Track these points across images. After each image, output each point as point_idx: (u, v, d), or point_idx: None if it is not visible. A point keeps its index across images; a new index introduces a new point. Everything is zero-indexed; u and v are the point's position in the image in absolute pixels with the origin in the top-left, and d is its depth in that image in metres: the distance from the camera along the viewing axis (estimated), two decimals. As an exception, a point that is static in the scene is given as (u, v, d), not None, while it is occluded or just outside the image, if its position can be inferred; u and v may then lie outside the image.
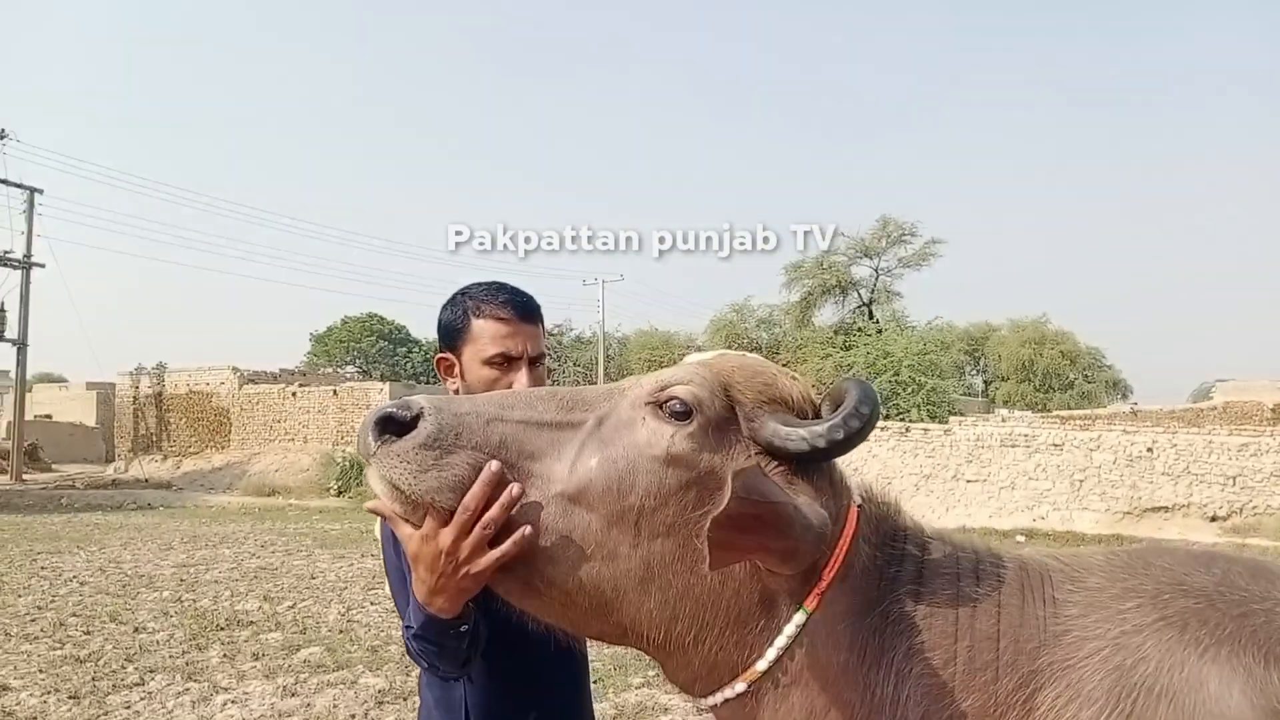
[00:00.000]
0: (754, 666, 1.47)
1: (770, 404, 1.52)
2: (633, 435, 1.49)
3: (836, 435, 1.42)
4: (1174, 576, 1.48)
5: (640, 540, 1.44)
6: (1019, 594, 1.50)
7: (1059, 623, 1.45)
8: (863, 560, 1.50)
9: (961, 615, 1.48)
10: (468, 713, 2.13)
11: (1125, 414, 31.55)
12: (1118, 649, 1.40)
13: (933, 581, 1.50)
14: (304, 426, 32.49)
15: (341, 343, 56.36)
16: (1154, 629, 1.40)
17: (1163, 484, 20.14)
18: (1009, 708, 1.41)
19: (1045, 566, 1.56)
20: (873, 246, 39.72)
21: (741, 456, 1.48)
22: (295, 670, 7.60)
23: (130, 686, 7.15)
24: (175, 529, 18.78)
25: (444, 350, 2.25)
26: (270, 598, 10.79)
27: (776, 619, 1.47)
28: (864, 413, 1.43)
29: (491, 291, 2.21)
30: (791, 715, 1.47)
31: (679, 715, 6.40)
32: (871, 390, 1.47)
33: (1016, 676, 1.42)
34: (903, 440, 22.75)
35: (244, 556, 14.47)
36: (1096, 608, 1.46)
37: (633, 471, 1.46)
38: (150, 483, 31.36)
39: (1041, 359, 46.10)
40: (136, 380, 36.95)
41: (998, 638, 1.45)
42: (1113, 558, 1.58)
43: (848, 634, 1.46)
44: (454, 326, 2.22)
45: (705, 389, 1.50)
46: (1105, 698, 1.36)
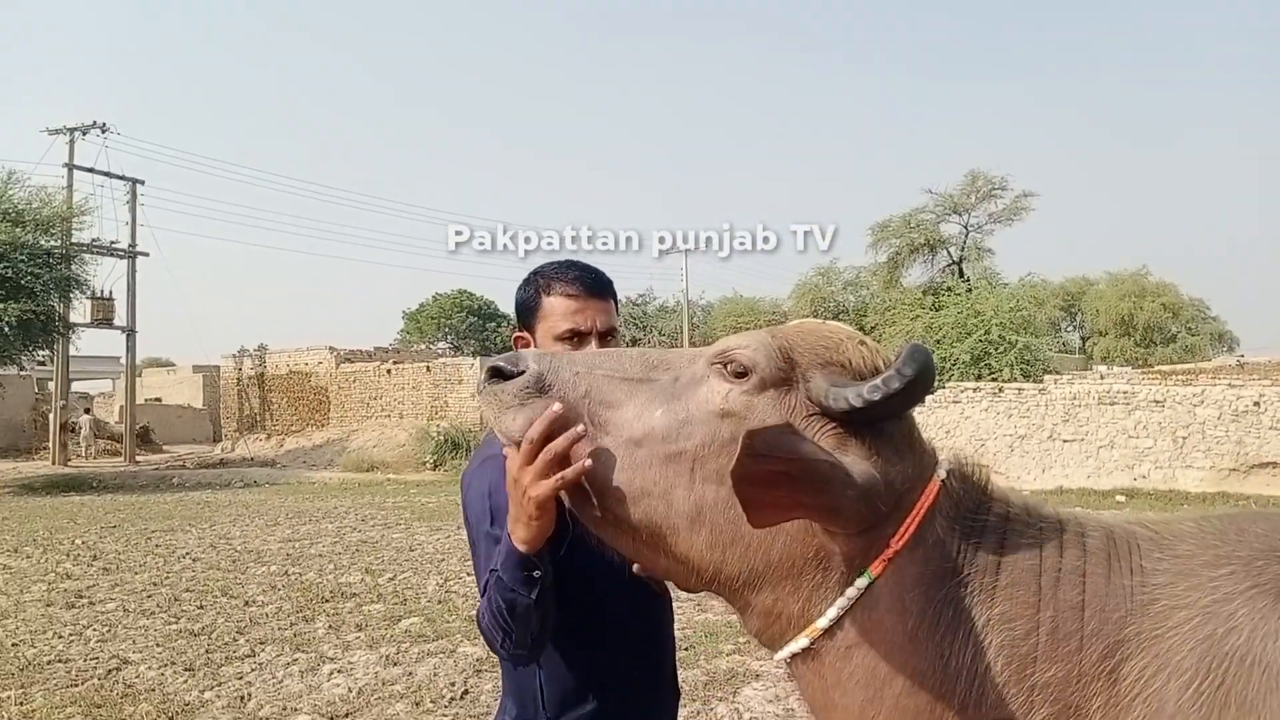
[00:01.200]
0: (815, 624, 1.51)
1: (827, 366, 1.57)
2: (696, 391, 1.61)
3: (875, 395, 1.44)
4: (1269, 543, 1.44)
5: (694, 484, 1.55)
6: (1105, 562, 1.48)
7: (1147, 591, 1.43)
8: (938, 531, 1.51)
9: (1045, 585, 1.47)
10: (543, 697, 2.19)
11: (1231, 367, 30.42)
12: (1209, 618, 1.37)
13: (1015, 552, 1.50)
14: (399, 403, 33.22)
15: (433, 319, 57.37)
16: (1247, 596, 1.37)
17: (1271, 439, 19.41)
18: (1094, 678, 1.40)
19: (1133, 534, 1.54)
20: (961, 202, 38.90)
21: (796, 416, 1.54)
22: (397, 640, 7.86)
23: (242, 658, 7.47)
24: (280, 505, 19.46)
25: (521, 329, 2.34)
26: (371, 570, 11.13)
27: (837, 579, 1.51)
28: (906, 374, 1.44)
29: (562, 269, 2.29)
30: (855, 677, 1.50)
31: (770, 681, 6.46)
32: (922, 353, 1.47)
33: (1102, 646, 1.41)
34: (996, 400, 22.32)
35: (345, 530, 14.94)
36: (1186, 575, 1.44)
37: (691, 421, 1.58)
38: (255, 461, 32.47)
39: (1142, 312, 44.71)
40: (239, 362, 38.16)
41: (1082, 607, 1.44)
42: (1204, 524, 1.54)
43: (918, 602, 1.47)
44: (528, 305, 2.30)
45: (763, 351, 1.58)
46: (1195, 668, 1.34)
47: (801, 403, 1.55)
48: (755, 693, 6.27)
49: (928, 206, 39.19)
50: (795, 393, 1.56)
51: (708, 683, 6.49)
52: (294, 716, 6.13)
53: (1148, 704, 1.36)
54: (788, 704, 5.96)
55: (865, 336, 1.65)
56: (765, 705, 6.03)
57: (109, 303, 35.26)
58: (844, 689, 1.51)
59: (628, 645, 2.23)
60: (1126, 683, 1.38)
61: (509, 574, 1.84)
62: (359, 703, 6.31)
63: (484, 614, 1.96)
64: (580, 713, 2.17)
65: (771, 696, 6.17)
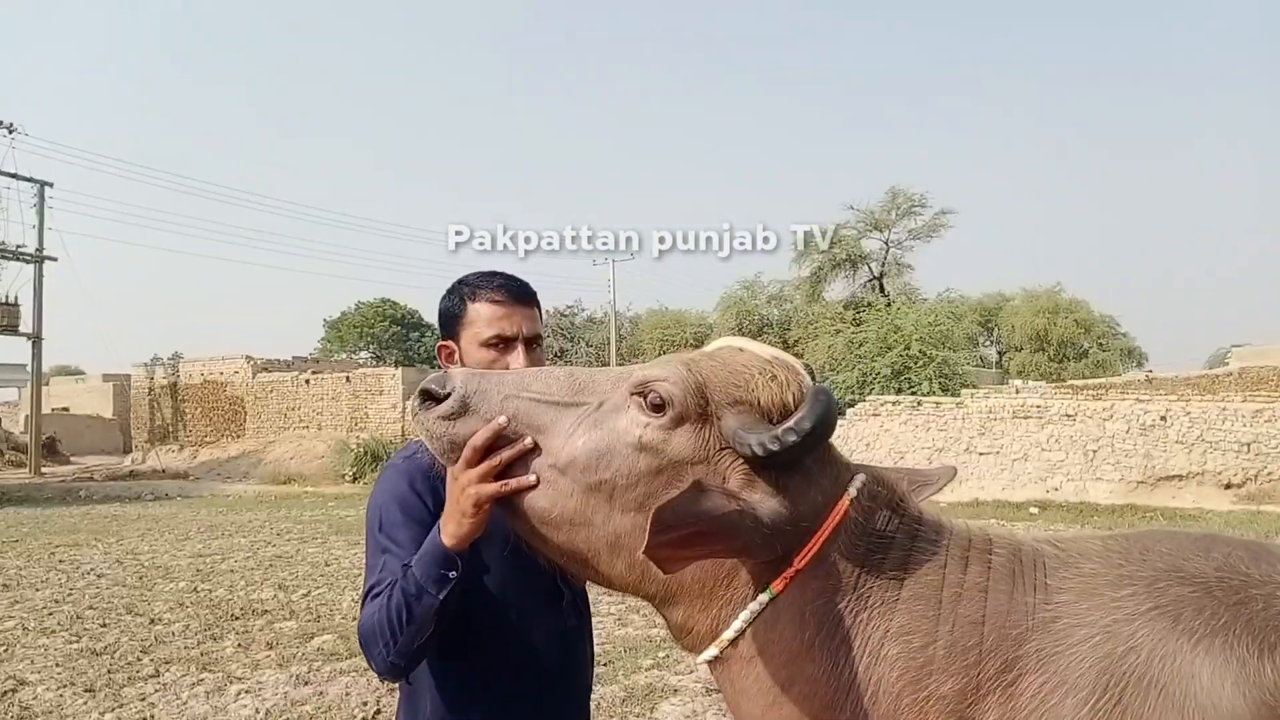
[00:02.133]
0: (722, 635, 1.58)
1: (737, 405, 1.60)
2: (616, 420, 1.63)
3: (774, 446, 1.48)
4: (1172, 563, 1.47)
5: (612, 513, 1.60)
6: (1009, 579, 1.51)
7: (1050, 609, 1.46)
8: (843, 548, 1.54)
9: (945, 600, 1.50)
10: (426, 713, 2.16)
11: (1140, 382, 31.36)
12: (1108, 637, 1.39)
13: (919, 567, 1.54)
14: (318, 414, 32.66)
15: (355, 328, 56.35)
16: (1147, 618, 1.39)
17: (1176, 452, 20.05)
18: (991, 692, 1.43)
19: (1040, 552, 1.57)
20: (882, 219, 39.59)
21: (709, 451, 1.58)
22: (309, 659, 7.66)
23: (145, 679, 7.21)
24: (192, 519, 18.94)
25: (444, 338, 2.33)
26: (285, 586, 10.87)
27: (741, 594, 1.57)
28: (803, 428, 1.48)
29: (486, 277, 2.30)
30: (758, 685, 1.56)
31: (688, 696, 6.43)
32: (820, 403, 1.51)
33: (1000, 661, 1.44)
34: (914, 414, 22.71)
35: (259, 545, 14.58)
36: (1089, 594, 1.46)
37: (610, 452, 1.61)
38: (167, 473, 31.63)
39: (1055, 328, 45.83)
40: (151, 371, 37.19)
41: (982, 622, 1.47)
42: (1111, 543, 1.58)
43: (817, 615, 1.52)
44: (452, 313, 2.30)
45: (680, 388, 1.60)
46: (1092, 686, 1.37)
47: (715, 437, 1.59)
48: (673, 708, 6.23)
49: (849, 222, 39.80)
50: (709, 426, 1.59)
51: (625, 699, 6.44)
52: (198, 739, 5.92)
53: (1044, 719, 1.38)
54: (704, 719, 5.94)
55: (782, 364, 1.67)
56: (682, 721, 5.99)
57: (14, 309, 34.20)
58: (748, 696, 1.58)
59: (524, 665, 2.19)
60: (1024, 698, 1.41)
61: (423, 569, 1.85)
62: (266, 724, 6.13)
63: (371, 617, 1.93)
64: None
65: (689, 712, 6.14)
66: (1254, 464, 19.59)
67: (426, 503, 2.10)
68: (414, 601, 1.87)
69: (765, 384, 1.62)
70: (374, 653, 1.94)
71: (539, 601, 2.23)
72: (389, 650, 1.90)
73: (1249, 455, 19.68)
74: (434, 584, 1.85)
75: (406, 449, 2.25)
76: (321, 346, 56.27)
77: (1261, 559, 1.47)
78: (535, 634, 2.21)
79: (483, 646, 2.13)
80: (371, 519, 2.13)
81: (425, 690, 2.16)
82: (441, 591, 1.86)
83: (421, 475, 2.12)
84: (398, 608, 1.88)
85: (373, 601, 1.95)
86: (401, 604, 1.88)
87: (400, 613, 1.87)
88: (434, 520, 2.04)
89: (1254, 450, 19.66)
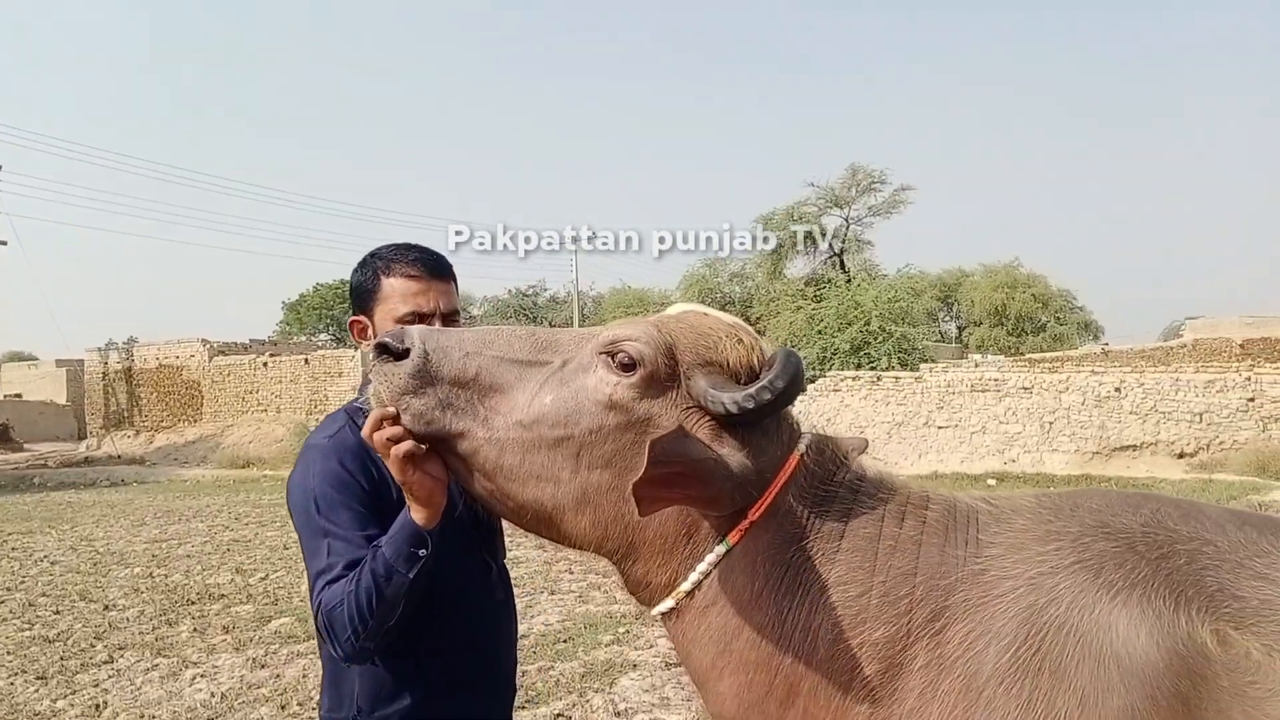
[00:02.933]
0: (679, 587, 1.63)
1: (707, 365, 1.65)
2: (585, 379, 1.66)
3: (748, 404, 1.54)
4: (1100, 519, 1.54)
5: (579, 469, 1.63)
6: (941, 534, 1.58)
7: (979, 562, 1.53)
8: (791, 501, 1.61)
9: (881, 552, 1.57)
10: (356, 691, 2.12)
11: (1096, 355, 31.78)
12: (1032, 589, 1.46)
13: (857, 520, 1.61)
14: (276, 397, 32.34)
15: (314, 310, 55.73)
16: (1070, 571, 1.46)
17: (1130, 423, 20.38)
18: (920, 639, 1.50)
19: (973, 509, 1.64)
20: (842, 196, 39.69)
21: (676, 409, 1.63)
22: (265, 642, 7.59)
23: (99, 665, 7.13)
24: (148, 505, 18.69)
25: (357, 313, 2.25)
26: (243, 570, 10.77)
27: (700, 548, 1.63)
28: (777, 386, 1.54)
29: (401, 251, 2.23)
30: (709, 634, 1.62)
31: (647, 671, 6.45)
32: (793, 364, 1.58)
33: (929, 610, 1.51)
34: (874, 389, 22.88)
35: (217, 530, 14.43)
36: (1017, 549, 1.53)
37: (579, 410, 1.64)
38: (123, 459, 31.21)
39: (1014, 303, 46.24)
40: (105, 356, 36.57)
41: (914, 574, 1.54)
42: (1043, 500, 1.65)
43: (765, 565, 1.58)
44: (365, 288, 2.23)
45: (650, 347, 1.63)
46: (1014, 634, 1.43)
47: (682, 397, 1.63)
48: (632, 683, 6.24)
49: (810, 199, 39.90)
50: (677, 387, 1.64)
51: (585, 674, 6.44)
52: (152, 725, 5.85)
53: (968, 665, 1.45)
54: (663, 693, 5.96)
55: (744, 329, 1.73)
56: (641, 695, 6.00)
57: (-37, 294, 33.45)
58: (700, 644, 1.64)
59: (455, 642, 2.16)
60: (950, 645, 1.47)
61: (394, 547, 1.84)
62: (221, 708, 6.06)
63: (338, 603, 1.88)
64: (393, 709, 2.10)
65: (648, 686, 6.15)
66: (1206, 433, 19.95)
67: (361, 481, 2.05)
68: (383, 583, 1.84)
69: (733, 346, 1.68)
70: (341, 638, 1.89)
71: (469, 575, 2.20)
72: (358, 636, 1.87)
73: (1201, 425, 20.04)
74: (404, 562, 1.84)
75: (327, 427, 2.19)
76: (280, 329, 55.63)
77: (1191, 517, 1.53)
78: (466, 608, 2.18)
79: (416, 622, 2.09)
80: (303, 503, 2.06)
81: (352, 672, 2.11)
82: (411, 569, 1.84)
83: (350, 453, 2.07)
84: (367, 591, 1.85)
85: (332, 587, 1.91)
86: (371, 587, 1.84)
87: (370, 596, 1.84)
88: (371, 498, 2.02)
89: (1206, 420, 20.03)
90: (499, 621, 2.29)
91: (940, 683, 1.46)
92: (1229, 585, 1.40)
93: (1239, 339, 32.87)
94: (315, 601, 1.94)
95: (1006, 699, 1.40)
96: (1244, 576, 1.41)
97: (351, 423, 2.15)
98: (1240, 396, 19.97)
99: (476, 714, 2.21)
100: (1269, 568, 1.42)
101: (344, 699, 2.13)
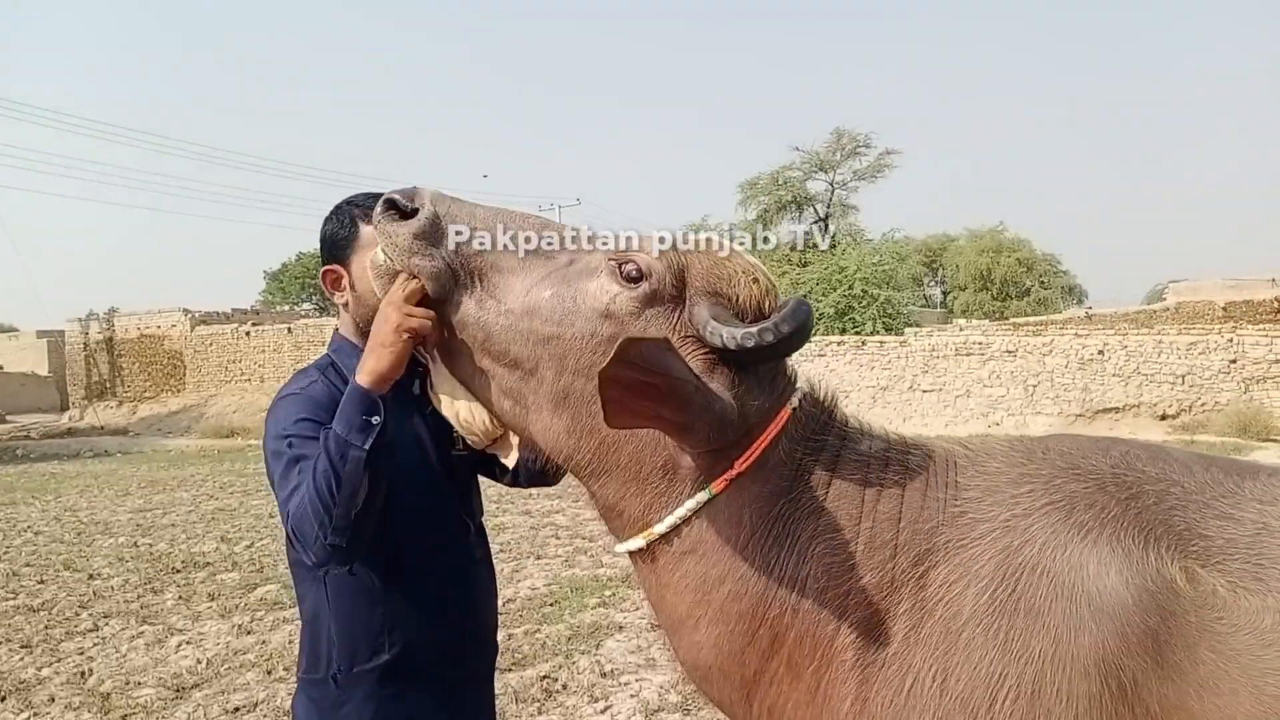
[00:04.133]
0: (652, 527, 1.61)
1: (716, 296, 1.61)
2: (587, 283, 1.64)
3: (748, 343, 1.51)
4: (1070, 461, 1.56)
5: (564, 372, 1.62)
6: (923, 479, 1.59)
7: (957, 505, 1.54)
8: (781, 454, 1.59)
9: (867, 499, 1.57)
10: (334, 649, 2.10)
11: (1080, 318, 31.89)
12: (1007, 530, 1.48)
13: (844, 469, 1.60)
14: (260, 366, 32.17)
15: (297, 279, 55.36)
16: (1043, 512, 1.48)
17: (1113, 385, 20.49)
18: (904, 584, 1.51)
19: (952, 453, 1.65)
20: (827, 160, 39.61)
21: (674, 334, 1.58)
22: (251, 609, 7.59)
23: (84, 633, 7.11)
24: (133, 475, 18.62)
25: (330, 262, 2.21)
26: (228, 538, 10.74)
27: (679, 490, 1.60)
28: (783, 330, 1.51)
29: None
30: (686, 581, 1.60)
31: (633, 633, 6.47)
32: (803, 312, 1.53)
33: (913, 555, 1.52)
34: (859, 353, 22.93)
35: (202, 499, 14.40)
36: (992, 491, 1.54)
37: (575, 312, 1.62)
38: (106, 430, 31.04)
39: (999, 267, 46.39)
40: (86, 327, 36.25)
41: (898, 519, 1.55)
42: (1015, 444, 1.67)
43: (754, 518, 1.57)
44: (340, 235, 2.18)
45: (662, 264, 1.61)
46: (991, 576, 1.45)
47: (683, 322, 1.60)
48: (617, 644, 6.26)
49: (795, 164, 39.82)
50: (680, 312, 1.61)
51: (571, 637, 6.46)
52: (138, 690, 5.83)
53: (948, 608, 1.46)
54: (649, 654, 5.97)
55: (763, 271, 1.67)
56: (627, 656, 6.02)
57: (-60, 265, 33.08)
58: (675, 590, 1.62)
59: (432, 598, 2.14)
60: (931, 588, 1.49)
61: (345, 421, 1.79)
62: (208, 673, 6.05)
63: (300, 502, 1.83)
64: (371, 665, 2.08)
65: (634, 648, 6.17)
66: (1188, 395, 20.08)
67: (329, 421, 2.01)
68: (339, 462, 1.78)
69: (748, 284, 1.63)
70: (310, 538, 1.82)
71: (445, 532, 2.19)
72: (325, 530, 1.79)
73: (1184, 387, 20.16)
74: (358, 433, 1.78)
75: (299, 380, 2.17)
76: (264, 298, 55.29)
77: (1159, 458, 1.57)
78: (442, 565, 2.16)
79: (392, 579, 2.07)
80: (275, 445, 2.02)
81: (329, 631, 2.10)
82: (366, 440, 1.78)
83: (323, 405, 2.02)
84: (325, 475, 1.79)
85: (302, 487, 1.85)
86: (328, 469, 1.79)
87: (328, 480, 1.78)
88: None
89: (1188, 382, 20.14)
90: (477, 580, 2.26)
91: (922, 625, 1.48)
92: (1196, 524, 1.44)
93: (1221, 301, 33.03)
94: (284, 517, 1.89)
95: (985, 640, 1.42)
96: (1210, 516, 1.45)
97: (324, 377, 2.13)
98: (1222, 358, 20.08)
99: (456, 671, 2.19)
100: (1234, 507, 1.46)
101: (321, 658, 2.11)
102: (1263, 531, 1.42)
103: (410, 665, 2.10)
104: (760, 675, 1.58)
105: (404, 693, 2.10)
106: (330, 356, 2.22)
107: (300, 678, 2.19)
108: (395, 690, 2.09)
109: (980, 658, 1.41)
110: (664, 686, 5.40)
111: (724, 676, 1.61)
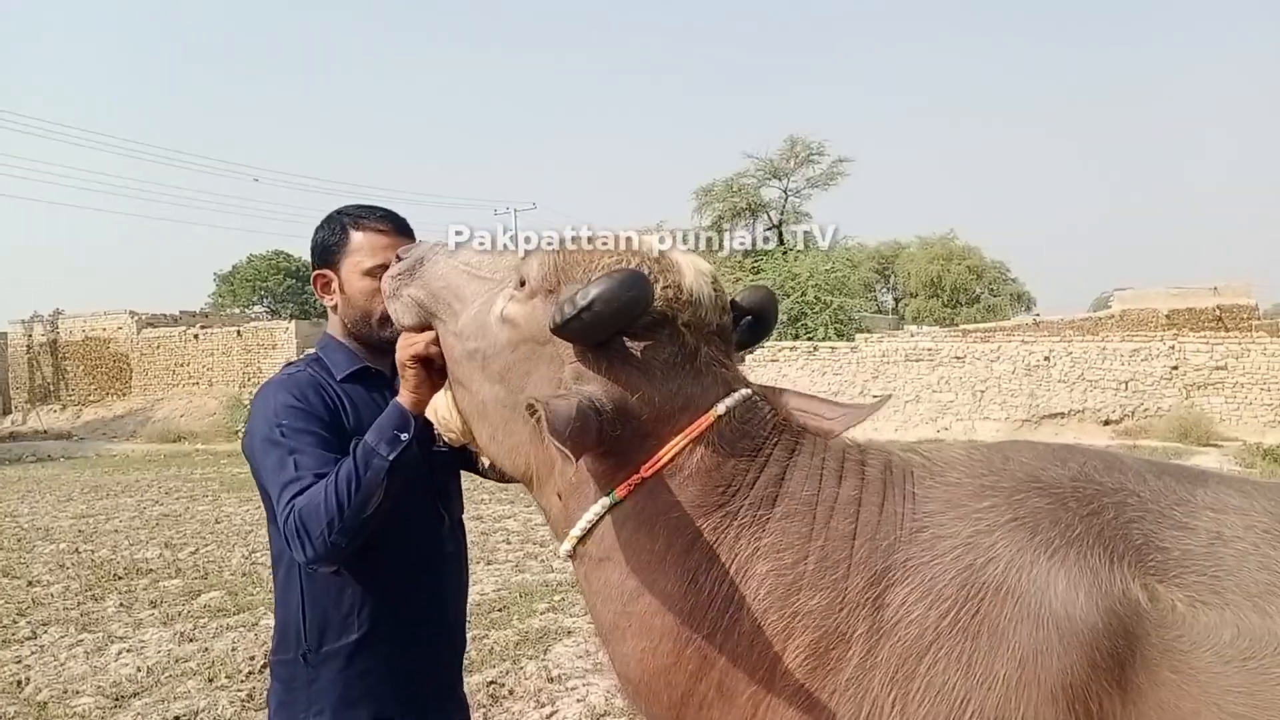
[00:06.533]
0: (570, 531, 1.60)
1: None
2: (499, 294, 1.72)
3: (556, 318, 1.47)
4: (1030, 472, 1.51)
5: (484, 381, 1.71)
6: (880, 491, 1.52)
7: (916, 520, 1.47)
8: (704, 462, 1.52)
9: (819, 514, 1.50)
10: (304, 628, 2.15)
11: (1027, 325, 32.35)
12: (970, 549, 1.42)
13: (794, 484, 1.52)
14: (208, 369, 31.69)
15: (248, 282, 54.61)
16: (1006, 529, 1.42)
17: (1059, 391, 20.84)
18: (858, 605, 1.43)
19: (909, 463, 1.58)
20: (781, 167, 39.85)
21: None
22: (194, 616, 7.48)
23: (21, 641, 6.97)
24: (76, 480, 18.29)
25: (320, 268, 2.33)
26: (172, 545, 10.58)
27: (587, 493, 1.58)
28: (579, 302, 1.43)
29: (367, 209, 2.34)
30: (607, 589, 1.57)
31: (581, 637, 6.47)
32: (614, 279, 1.45)
33: (869, 574, 1.44)
34: (811, 359, 23.13)
35: (146, 504, 14.18)
36: (953, 505, 1.48)
37: (486, 324, 1.71)
38: (49, 434, 30.44)
39: (949, 274, 46.93)
40: (29, 329, 35.49)
41: (854, 536, 1.47)
42: (974, 453, 1.60)
43: (668, 528, 1.50)
44: (331, 242, 2.31)
45: (538, 265, 1.64)
46: (955, 597, 1.39)
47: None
48: (565, 649, 6.26)
49: (749, 171, 40.02)
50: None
51: (519, 642, 6.45)
52: (76, 699, 5.72)
53: (908, 629, 1.40)
54: (597, 659, 5.98)
55: (667, 263, 1.59)
56: (575, 661, 6.02)
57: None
58: (601, 598, 1.59)
59: (401, 584, 2.19)
60: (890, 609, 1.42)
61: (377, 433, 1.91)
62: (148, 682, 5.96)
63: (314, 496, 1.90)
64: (340, 644, 2.14)
65: (581, 652, 6.17)
66: (1131, 401, 20.47)
67: (320, 410, 2.13)
68: (362, 468, 1.88)
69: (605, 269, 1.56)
70: (313, 534, 1.88)
71: (418, 522, 2.24)
72: (331, 529, 1.87)
73: (1127, 393, 20.55)
74: (386, 444, 1.89)
75: (284, 370, 2.29)
76: (214, 300, 54.49)
77: (1114, 468, 1.52)
78: (411, 553, 2.21)
79: (364, 563, 2.10)
80: (266, 431, 2.08)
81: (295, 609, 2.15)
82: (392, 452, 1.89)
83: (309, 387, 2.16)
84: (346, 476, 1.88)
85: (305, 492, 1.92)
86: (350, 472, 1.89)
87: (349, 481, 1.88)
88: (334, 422, 2.12)
89: (1131, 388, 20.53)
90: (447, 573, 2.32)
91: (880, 649, 1.41)
92: (1153, 537, 1.40)
93: (1165, 309, 33.67)
94: (285, 508, 1.93)
95: (947, 663, 1.37)
96: (1165, 526, 1.41)
97: (309, 367, 2.26)
98: (1164, 365, 20.50)
99: (422, 658, 2.24)
100: (1188, 516, 1.43)
101: (290, 638, 2.17)
102: (1217, 541, 1.39)
103: (378, 646, 2.15)
104: (689, 698, 1.51)
105: (371, 670, 2.15)
106: (318, 353, 2.33)
107: (271, 660, 2.26)
108: (362, 668, 2.15)
109: (943, 683, 1.36)
110: (610, 691, 5.40)
111: (652, 694, 1.55)
